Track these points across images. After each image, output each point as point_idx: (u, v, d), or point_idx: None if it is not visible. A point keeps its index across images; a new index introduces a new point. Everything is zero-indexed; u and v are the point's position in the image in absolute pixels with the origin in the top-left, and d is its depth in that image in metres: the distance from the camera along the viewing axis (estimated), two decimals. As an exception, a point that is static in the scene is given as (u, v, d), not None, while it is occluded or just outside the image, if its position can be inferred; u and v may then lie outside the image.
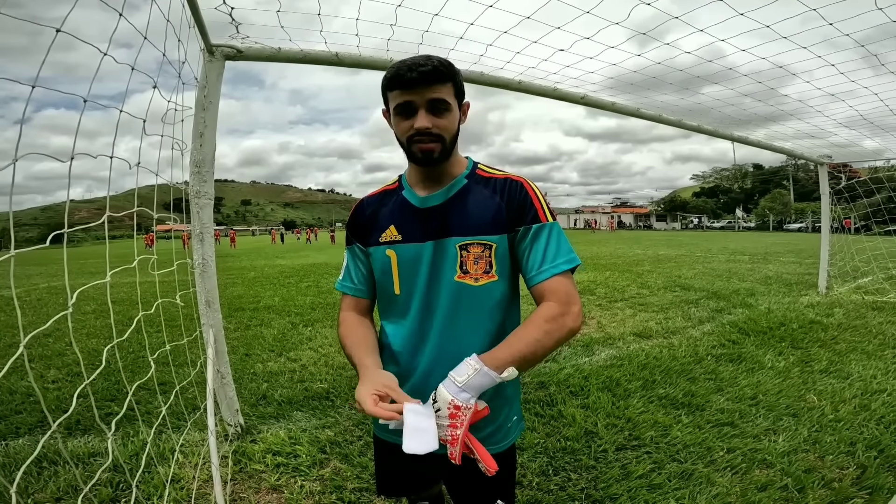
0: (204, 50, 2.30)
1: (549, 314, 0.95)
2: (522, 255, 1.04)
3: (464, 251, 1.04)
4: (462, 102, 1.06)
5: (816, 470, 2.17)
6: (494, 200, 1.06)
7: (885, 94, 3.69)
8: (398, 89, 0.98)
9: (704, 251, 16.16)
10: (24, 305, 7.64)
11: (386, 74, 1.00)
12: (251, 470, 2.29)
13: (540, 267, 1.01)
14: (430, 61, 0.96)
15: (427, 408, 0.89)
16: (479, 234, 1.03)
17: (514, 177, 1.09)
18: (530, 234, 1.03)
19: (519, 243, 1.04)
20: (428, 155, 1.01)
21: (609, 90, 3.80)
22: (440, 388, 0.90)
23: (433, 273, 1.06)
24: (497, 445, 1.13)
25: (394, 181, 1.20)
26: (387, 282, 1.13)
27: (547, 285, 0.99)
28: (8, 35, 43.50)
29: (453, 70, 1.01)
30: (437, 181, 1.09)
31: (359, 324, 1.16)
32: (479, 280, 1.04)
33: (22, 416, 2.95)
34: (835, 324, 4.85)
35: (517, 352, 0.91)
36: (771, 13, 2.21)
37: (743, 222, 57.47)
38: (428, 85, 0.96)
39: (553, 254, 1.01)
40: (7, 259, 0.97)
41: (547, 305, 0.97)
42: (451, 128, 1.02)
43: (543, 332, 0.93)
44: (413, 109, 0.98)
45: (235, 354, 4.23)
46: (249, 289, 8.76)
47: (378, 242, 1.12)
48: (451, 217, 1.06)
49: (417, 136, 0.99)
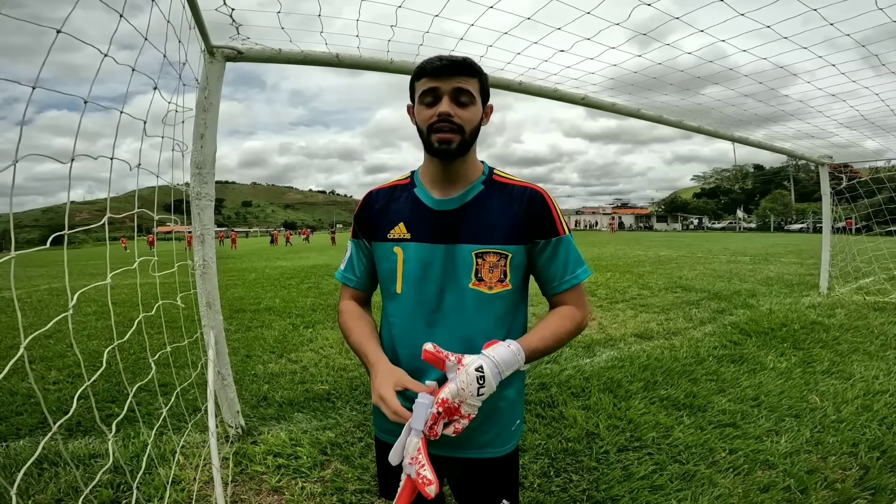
0: (204, 51, 2.30)
1: (572, 316, 1.06)
2: (543, 266, 1.09)
3: (480, 259, 1.04)
4: (486, 103, 1.07)
5: (819, 471, 2.16)
6: (513, 210, 1.06)
7: (886, 94, 3.69)
8: (425, 77, 1.00)
9: (705, 252, 16.15)
10: (25, 307, 7.65)
11: (416, 67, 1.03)
12: (252, 471, 2.29)
13: (561, 278, 1.08)
14: (458, 57, 0.99)
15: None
16: (497, 243, 1.04)
17: (534, 187, 1.09)
18: (550, 247, 1.07)
19: (539, 255, 1.08)
20: (446, 145, 1.00)
21: (609, 91, 3.80)
22: (489, 375, 0.87)
23: (445, 278, 1.06)
24: (502, 448, 1.12)
25: (405, 176, 1.18)
26: (389, 279, 1.11)
27: (568, 295, 1.09)
28: (11, 35, 43.57)
29: (481, 69, 1.04)
30: (453, 183, 1.08)
31: (361, 315, 1.17)
32: (494, 288, 1.05)
33: (23, 418, 2.95)
34: (836, 324, 4.84)
35: (545, 346, 1.00)
36: (772, 13, 2.21)
37: (744, 223, 57.44)
38: (454, 74, 0.98)
39: (572, 266, 1.09)
40: (8, 260, 0.97)
41: (569, 308, 1.08)
42: (472, 120, 1.02)
43: (567, 331, 1.05)
44: (437, 97, 0.99)
45: (236, 356, 4.23)
46: (250, 290, 8.76)
47: (385, 238, 1.11)
48: (467, 223, 1.05)
49: (438, 124, 0.99)
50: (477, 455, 1.10)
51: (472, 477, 1.14)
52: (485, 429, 1.08)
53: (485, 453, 1.10)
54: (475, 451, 1.10)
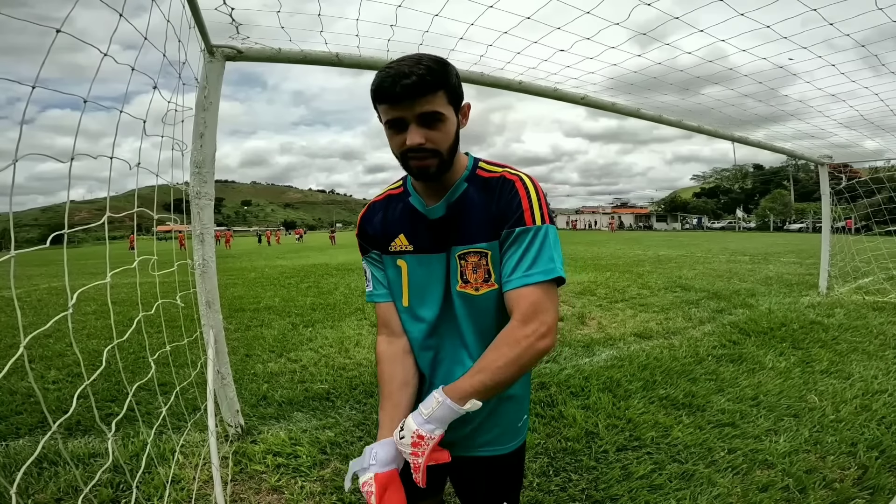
0: (204, 50, 2.30)
1: (512, 337, 0.89)
2: (503, 261, 0.96)
3: (462, 260, 1.00)
4: (460, 107, 0.97)
5: (818, 470, 2.17)
6: (489, 204, 0.99)
7: (885, 94, 3.69)
8: (385, 104, 0.90)
9: (705, 252, 16.15)
10: (25, 306, 7.64)
11: (372, 84, 0.91)
12: (251, 471, 2.29)
13: (510, 275, 0.93)
14: (416, 69, 0.85)
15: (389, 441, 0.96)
16: (474, 241, 0.99)
17: (508, 174, 1.00)
18: (510, 239, 0.94)
19: (501, 248, 0.97)
20: (424, 171, 0.94)
21: (609, 91, 3.80)
22: (408, 420, 0.92)
23: (444, 285, 1.04)
24: (506, 446, 1.09)
25: (398, 184, 1.13)
26: (396, 293, 1.10)
27: (514, 297, 0.91)
28: (16, 35, 43.69)
29: (445, 74, 0.90)
30: (440, 188, 1.04)
31: (387, 361, 1.08)
32: (480, 289, 1.00)
33: (22, 417, 2.95)
34: (835, 324, 4.84)
35: (479, 383, 0.88)
36: (772, 14, 2.22)
37: (743, 223, 57.52)
38: (415, 98, 0.87)
39: (530, 261, 0.91)
40: (7, 260, 0.97)
41: (510, 326, 0.91)
42: (446, 140, 0.93)
43: (507, 360, 0.87)
44: (404, 124, 0.90)
45: (236, 355, 4.23)
46: (250, 289, 8.75)
47: (387, 251, 1.08)
48: (452, 226, 1.02)
49: (411, 153, 0.91)
50: (479, 453, 1.08)
51: (474, 476, 1.12)
52: (487, 427, 1.06)
53: (486, 451, 1.08)
54: (477, 450, 1.08)
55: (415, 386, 1.07)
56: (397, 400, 1.03)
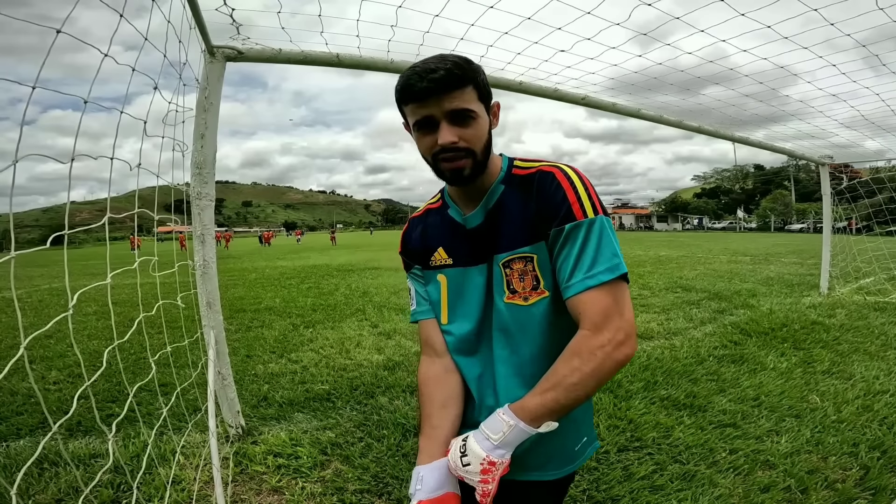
0: (205, 51, 2.30)
1: (585, 348, 0.79)
2: (558, 263, 0.86)
3: (507, 269, 0.92)
4: (490, 104, 0.92)
5: (819, 471, 2.16)
6: (528, 202, 0.91)
7: (886, 94, 3.69)
8: (412, 103, 0.85)
9: (706, 252, 16.14)
10: (26, 307, 7.65)
11: (397, 85, 0.86)
12: (252, 471, 2.29)
13: (570, 279, 0.83)
14: (442, 64, 0.82)
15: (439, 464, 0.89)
16: (516, 246, 0.91)
17: (545, 167, 0.92)
18: (561, 237, 0.85)
19: (552, 249, 0.88)
20: (458, 174, 0.88)
21: (610, 91, 3.80)
22: (472, 443, 0.83)
23: (487, 299, 0.96)
24: (558, 471, 0.98)
25: (436, 198, 1.09)
26: (436, 311, 1.05)
27: (579, 303, 0.82)
28: (17, 35, 43.56)
29: (473, 70, 0.85)
30: (477, 194, 0.97)
31: (425, 383, 1.02)
32: (530, 298, 0.91)
33: (23, 418, 2.95)
34: (837, 324, 4.83)
35: (552, 401, 0.79)
36: (772, 14, 2.21)
37: (744, 223, 57.45)
38: (444, 94, 0.82)
39: (590, 260, 0.82)
40: (8, 260, 0.97)
41: (581, 336, 0.81)
42: (480, 138, 0.87)
43: (582, 374, 0.78)
44: (434, 123, 0.85)
45: (236, 356, 4.23)
46: (250, 290, 8.76)
47: (429, 266, 1.04)
48: (492, 233, 0.95)
49: (443, 154, 0.86)
50: (528, 477, 0.97)
51: (514, 501, 1.01)
52: (538, 450, 0.93)
53: (536, 475, 0.97)
54: (522, 474, 0.95)
55: (458, 406, 1.00)
56: (437, 422, 0.96)
